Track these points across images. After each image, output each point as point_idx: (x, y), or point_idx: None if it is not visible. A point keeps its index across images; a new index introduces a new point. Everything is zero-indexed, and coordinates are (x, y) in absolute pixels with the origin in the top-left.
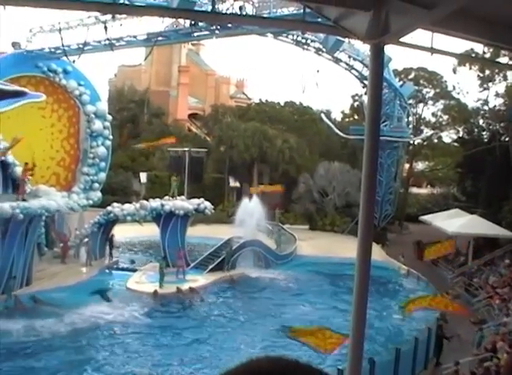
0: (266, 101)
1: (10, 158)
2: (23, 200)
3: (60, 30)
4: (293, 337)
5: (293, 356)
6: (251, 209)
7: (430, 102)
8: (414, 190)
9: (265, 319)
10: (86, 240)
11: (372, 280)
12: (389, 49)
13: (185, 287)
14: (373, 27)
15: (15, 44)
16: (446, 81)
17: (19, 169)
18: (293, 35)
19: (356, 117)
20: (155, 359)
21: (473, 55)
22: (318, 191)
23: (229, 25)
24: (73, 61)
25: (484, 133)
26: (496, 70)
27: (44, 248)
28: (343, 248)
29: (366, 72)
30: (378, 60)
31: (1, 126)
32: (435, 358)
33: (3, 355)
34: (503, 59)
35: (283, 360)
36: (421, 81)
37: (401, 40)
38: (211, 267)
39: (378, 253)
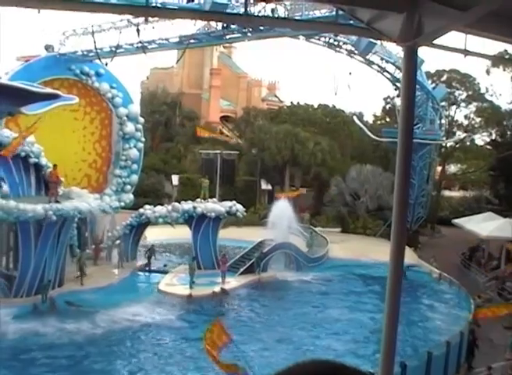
0: (298, 103)
1: (43, 160)
2: (56, 202)
3: (93, 32)
4: None
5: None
6: (283, 212)
7: (463, 104)
8: (447, 193)
9: (295, 322)
10: (118, 242)
11: (404, 284)
12: (421, 51)
13: (216, 288)
14: (406, 29)
15: (48, 47)
16: (478, 83)
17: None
18: (325, 37)
19: (388, 120)
20: (187, 363)
21: (506, 57)
22: (350, 193)
23: (261, 27)
24: (106, 64)
25: None
26: None
27: (76, 249)
28: (375, 251)
29: (398, 74)
30: (412, 62)
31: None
32: (466, 362)
33: (35, 357)
34: None
35: (330, 363)
36: (454, 83)
37: (434, 42)
38: (242, 270)
39: (410, 256)
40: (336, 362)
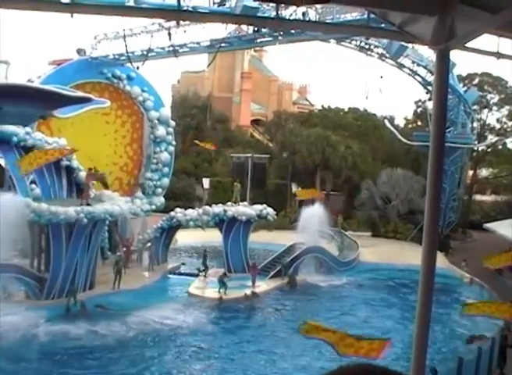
0: (329, 107)
1: (75, 163)
2: (88, 204)
3: (124, 36)
4: (306, 334)
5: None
6: (314, 216)
7: (494, 108)
8: (478, 197)
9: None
10: (148, 244)
11: (435, 288)
12: (453, 54)
13: (248, 291)
14: (438, 32)
15: (80, 51)
16: (511, 86)
17: (83, 174)
18: (356, 41)
19: (419, 123)
20: (219, 366)
21: None
22: (381, 197)
23: (292, 31)
24: (137, 67)
25: None
26: None
27: (107, 252)
28: (407, 255)
29: (430, 77)
30: (444, 65)
31: (66, 132)
32: (498, 368)
33: (67, 359)
34: None
35: (373, 367)
36: (486, 87)
37: (466, 45)
38: (272, 273)
39: (441, 261)
40: (377, 366)
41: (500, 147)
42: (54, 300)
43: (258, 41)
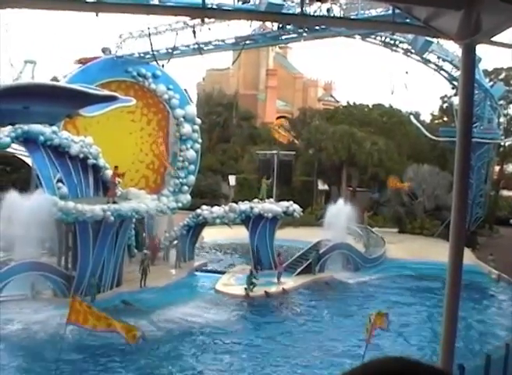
0: (354, 103)
1: (101, 161)
2: (114, 203)
3: (149, 35)
4: None
5: None
6: (340, 212)
7: None
8: (505, 192)
9: (353, 323)
10: (175, 242)
11: (462, 285)
12: (479, 49)
13: (274, 289)
14: (464, 27)
15: (105, 50)
16: None
17: (109, 173)
18: (381, 36)
19: (445, 119)
20: (245, 363)
21: None
22: (408, 193)
23: (317, 27)
24: (162, 65)
25: None
26: None
27: (134, 249)
28: (433, 251)
29: (455, 73)
30: (470, 60)
31: (92, 131)
32: None
33: (95, 357)
34: None
35: (405, 360)
36: None
37: (493, 39)
38: (299, 270)
39: (468, 257)
40: (410, 359)
41: None
42: (81, 298)
43: (283, 37)
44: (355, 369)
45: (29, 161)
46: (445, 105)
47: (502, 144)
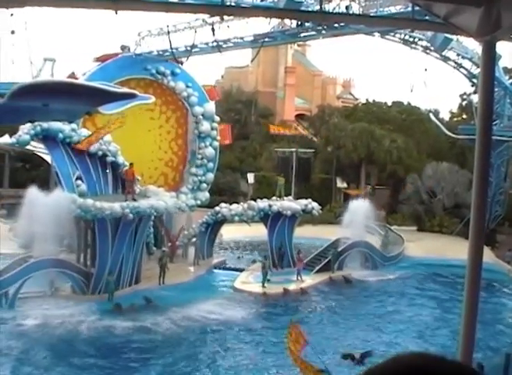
0: (373, 101)
1: (120, 159)
2: (133, 200)
3: (168, 32)
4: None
5: None
6: (359, 210)
7: None
8: None
9: (371, 321)
10: (194, 239)
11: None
12: (499, 46)
13: (293, 287)
14: (484, 24)
15: (124, 48)
16: None
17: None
18: (400, 34)
19: (464, 117)
20: (266, 361)
21: None
22: (426, 191)
23: (336, 25)
24: (181, 63)
25: None
26: None
27: (152, 247)
28: (453, 249)
29: (475, 70)
30: (490, 57)
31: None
32: None
33: (114, 354)
34: None
35: (430, 355)
36: None
37: None
38: (318, 268)
39: (487, 255)
40: (435, 355)
41: None
42: (100, 295)
43: (302, 35)
44: (380, 365)
45: (48, 158)
46: (464, 103)
47: None
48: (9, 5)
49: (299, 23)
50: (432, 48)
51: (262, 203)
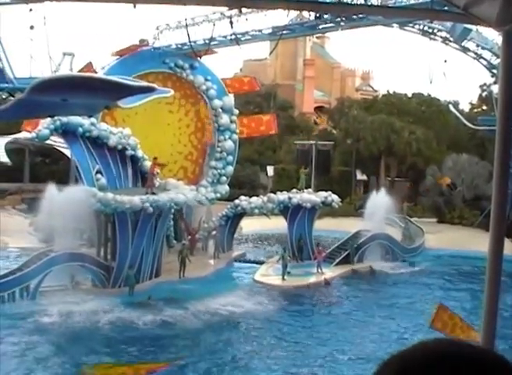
0: (393, 92)
1: (139, 152)
2: (153, 193)
3: (186, 26)
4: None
5: None
6: (379, 202)
7: None
8: None
9: (393, 314)
10: (214, 232)
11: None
12: None
13: (312, 279)
14: (504, 13)
15: (142, 42)
16: None
17: (147, 164)
18: (419, 25)
19: (484, 108)
20: (289, 355)
21: None
22: (447, 183)
23: (354, 16)
24: (200, 56)
25: None
26: None
27: (172, 240)
28: (473, 241)
29: (495, 61)
30: (510, 47)
31: (130, 122)
32: None
33: (136, 347)
34: None
35: (456, 342)
36: None
37: None
38: (338, 260)
39: (509, 247)
40: (461, 341)
41: None
42: (120, 288)
43: (320, 27)
44: (406, 350)
45: (68, 153)
46: (484, 94)
47: None
48: (28, 0)
49: (317, 15)
50: (452, 39)
51: (282, 196)
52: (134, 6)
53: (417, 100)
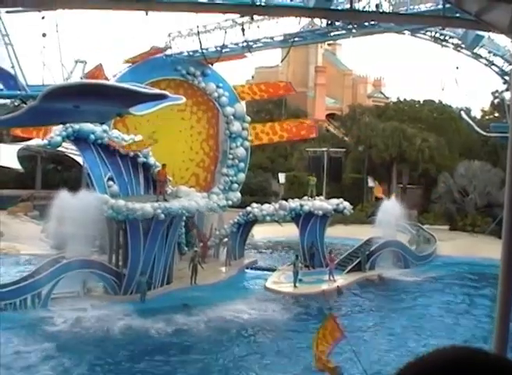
0: (405, 99)
1: (151, 159)
2: (164, 200)
3: (198, 33)
4: None
5: None
6: (391, 209)
7: None
8: None
9: (404, 321)
10: (225, 240)
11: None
12: None
13: (325, 287)
14: None
15: (158, 49)
16: None
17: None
18: (430, 32)
19: (496, 114)
20: (299, 362)
21: None
22: (459, 190)
23: (366, 23)
24: (211, 64)
25: None
26: None
27: (184, 247)
28: (485, 248)
29: (507, 67)
30: None
31: (142, 129)
32: None
33: (147, 354)
34: None
35: (471, 349)
36: None
37: None
38: (350, 267)
39: None
40: (476, 349)
41: None
42: (131, 295)
43: (332, 34)
44: (425, 359)
45: (80, 160)
46: (496, 101)
47: None
48: (41, 7)
49: (329, 22)
50: (463, 46)
51: (293, 203)
52: (146, 14)
53: (428, 107)
